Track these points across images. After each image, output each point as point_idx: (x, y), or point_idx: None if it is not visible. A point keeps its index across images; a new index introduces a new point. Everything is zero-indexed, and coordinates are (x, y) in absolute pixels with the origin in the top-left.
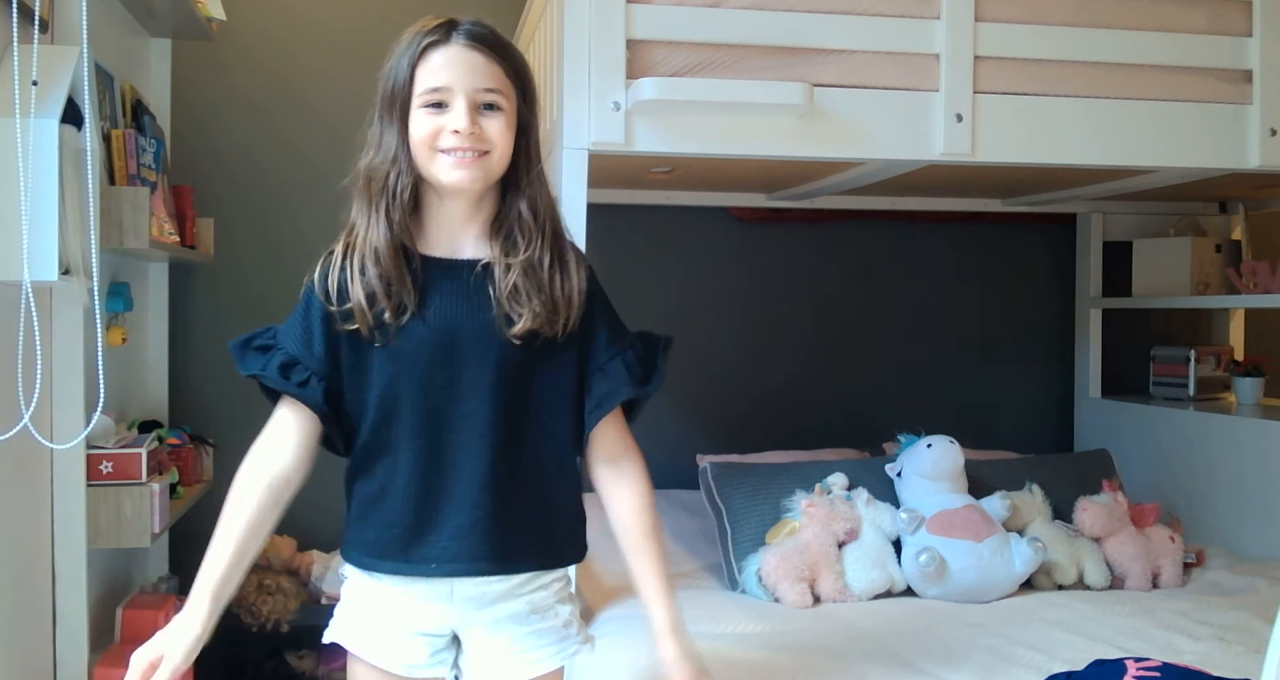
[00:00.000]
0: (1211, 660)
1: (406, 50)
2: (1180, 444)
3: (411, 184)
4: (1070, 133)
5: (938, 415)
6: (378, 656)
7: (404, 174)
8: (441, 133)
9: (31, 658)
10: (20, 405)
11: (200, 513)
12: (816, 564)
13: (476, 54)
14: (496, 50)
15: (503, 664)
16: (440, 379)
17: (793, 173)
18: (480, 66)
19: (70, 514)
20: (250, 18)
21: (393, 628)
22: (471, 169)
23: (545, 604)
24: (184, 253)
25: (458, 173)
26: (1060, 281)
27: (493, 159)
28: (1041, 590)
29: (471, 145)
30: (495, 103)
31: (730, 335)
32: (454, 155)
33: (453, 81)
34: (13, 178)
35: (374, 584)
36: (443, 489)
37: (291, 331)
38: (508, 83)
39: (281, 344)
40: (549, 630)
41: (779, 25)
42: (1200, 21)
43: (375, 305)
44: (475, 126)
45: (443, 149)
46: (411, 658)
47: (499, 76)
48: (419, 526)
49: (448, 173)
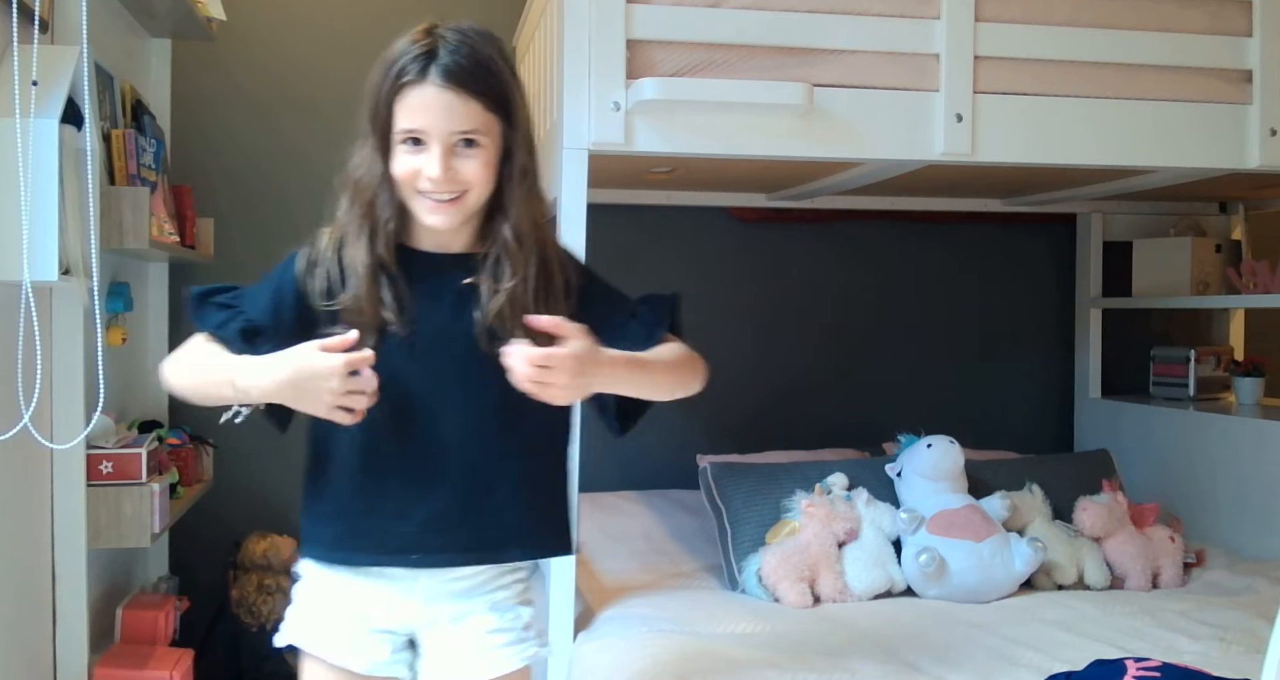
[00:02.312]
0: (1211, 660)
1: (386, 79)
2: (1180, 444)
3: (395, 212)
4: (1070, 133)
5: (938, 415)
6: (339, 655)
7: (388, 204)
8: (418, 175)
9: (31, 658)
10: (20, 405)
11: (200, 513)
12: (816, 564)
13: (451, 95)
14: (475, 85)
15: (462, 662)
16: (423, 375)
17: (793, 173)
18: (456, 109)
19: (70, 514)
20: (250, 18)
21: (354, 625)
22: (448, 213)
23: (505, 604)
24: (184, 253)
25: (435, 217)
26: (1060, 281)
27: (470, 199)
28: (1041, 590)
29: (447, 189)
30: (474, 140)
31: (730, 335)
32: (431, 199)
33: (427, 125)
34: (13, 178)
35: (333, 582)
36: (424, 483)
37: (259, 300)
38: (488, 117)
39: (245, 308)
40: (508, 630)
41: (779, 25)
42: (1200, 21)
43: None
44: (450, 171)
45: (420, 191)
46: (373, 656)
47: (477, 115)
48: (395, 518)
49: (425, 216)
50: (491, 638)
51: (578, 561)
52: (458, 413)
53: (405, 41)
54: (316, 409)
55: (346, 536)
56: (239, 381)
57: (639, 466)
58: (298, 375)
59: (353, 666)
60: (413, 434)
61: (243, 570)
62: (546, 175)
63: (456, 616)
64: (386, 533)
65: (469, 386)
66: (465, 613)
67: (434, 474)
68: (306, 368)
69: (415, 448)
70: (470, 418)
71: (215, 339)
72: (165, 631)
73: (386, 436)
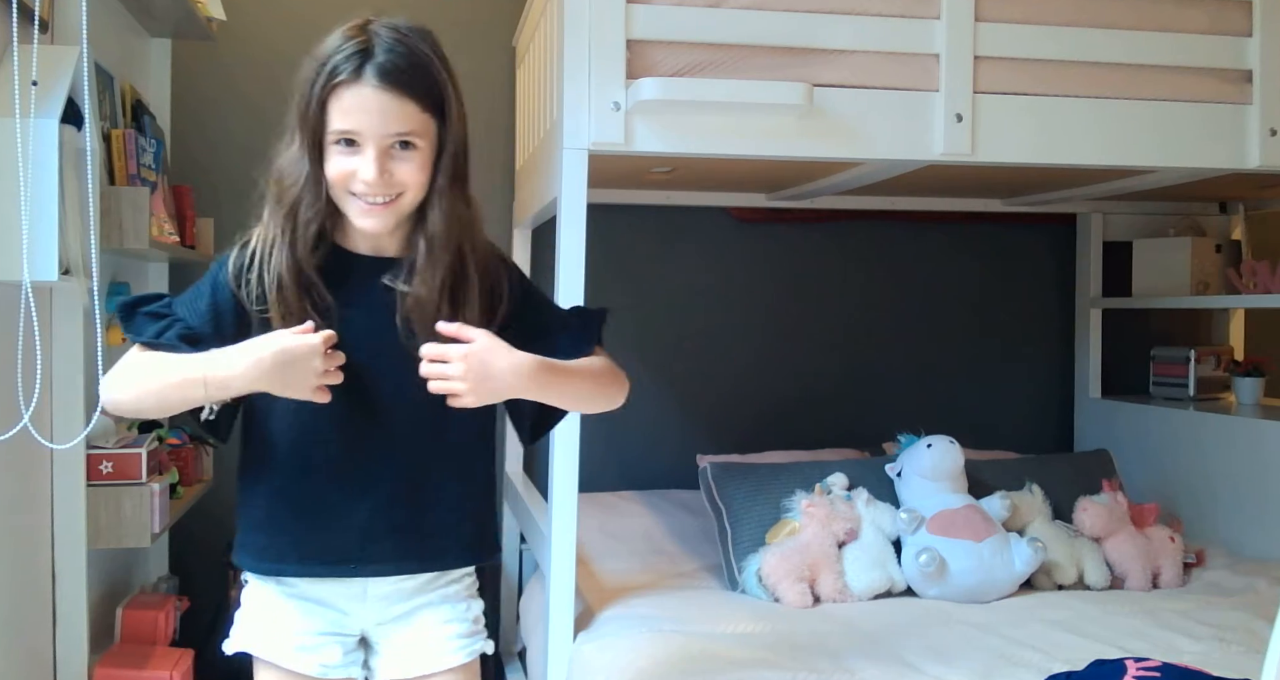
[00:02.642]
0: (1211, 660)
1: (319, 77)
2: (1180, 444)
3: (322, 216)
4: (1070, 133)
5: (938, 415)
6: (291, 660)
7: (313, 205)
8: (352, 177)
9: (31, 658)
10: (20, 405)
11: (200, 513)
12: (816, 564)
13: (387, 96)
14: (411, 86)
15: (416, 656)
16: (353, 382)
17: (793, 173)
18: (392, 110)
19: (70, 514)
20: (250, 18)
21: (303, 630)
22: (382, 216)
23: (457, 597)
24: (184, 253)
25: (368, 220)
26: (1060, 281)
27: (405, 201)
28: (1041, 590)
29: (382, 192)
30: (409, 142)
31: (730, 335)
32: (365, 201)
33: (362, 126)
34: (13, 178)
35: (280, 588)
36: (358, 490)
37: (193, 308)
38: (423, 118)
39: (181, 316)
40: (460, 622)
41: (779, 25)
42: (1200, 21)
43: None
44: (385, 174)
45: (354, 193)
46: (326, 658)
47: (413, 116)
48: (335, 528)
49: (358, 218)
50: (444, 630)
51: (578, 561)
52: (388, 419)
53: (338, 37)
54: (300, 390)
55: (282, 546)
56: (212, 375)
57: (639, 466)
58: (282, 357)
59: (307, 670)
60: (345, 440)
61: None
62: (546, 175)
63: (408, 613)
64: (323, 542)
65: (398, 393)
66: (417, 608)
67: (367, 481)
68: (289, 350)
69: (348, 454)
70: (400, 424)
71: (156, 348)
72: (165, 631)
73: (320, 443)
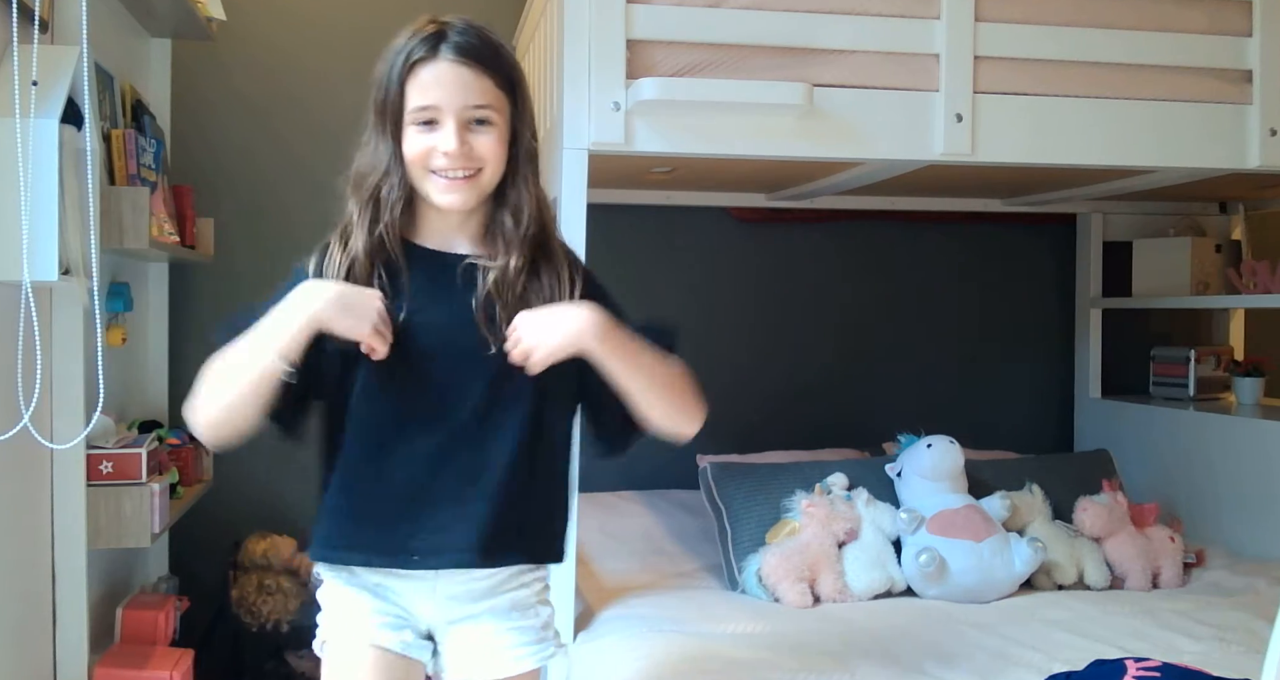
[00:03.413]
0: (1211, 660)
1: (395, 62)
2: (1180, 444)
3: (405, 196)
4: (1070, 133)
5: (938, 415)
6: (375, 635)
7: (396, 187)
8: (433, 153)
9: (31, 658)
10: (20, 405)
11: (200, 513)
12: (816, 564)
13: (465, 70)
14: (486, 62)
15: (483, 658)
16: (427, 376)
17: (793, 173)
18: (470, 83)
19: (70, 514)
20: (250, 18)
21: (381, 611)
22: (463, 191)
23: (526, 602)
24: (184, 253)
25: (449, 196)
26: (1060, 281)
27: (485, 177)
28: (1041, 590)
29: (462, 165)
30: (486, 118)
31: (730, 335)
32: (445, 177)
33: (441, 100)
34: (13, 178)
35: (351, 578)
36: (426, 481)
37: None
38: (499, 95)
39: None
40: (529, 628)
41: (779, 25)
42: (1200, 21)
43: None
44: (465, 146)
45: (434, 169)
46: (406, 637)
47: (489, 91)
48: (413, 521)
49: (440, 195)
50: (511, 636)
51: (578, 561)
52: (456, 411)
53: (410, 30)
54: (362, 327)
55: (350, 534)
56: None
57: (639, 466)
58: (345, 293)
59: (389, 645)
60: (415, 432)
61: (243, 570)
62: (546, 175)
63: (478, 613)
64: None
65: (467, 386)
66: (486, 609)
67: (434, 473)
68: (351, 288)
69: (416, 446)
70: (468, 417)
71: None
72: (165, 631)
73: (391, 433)
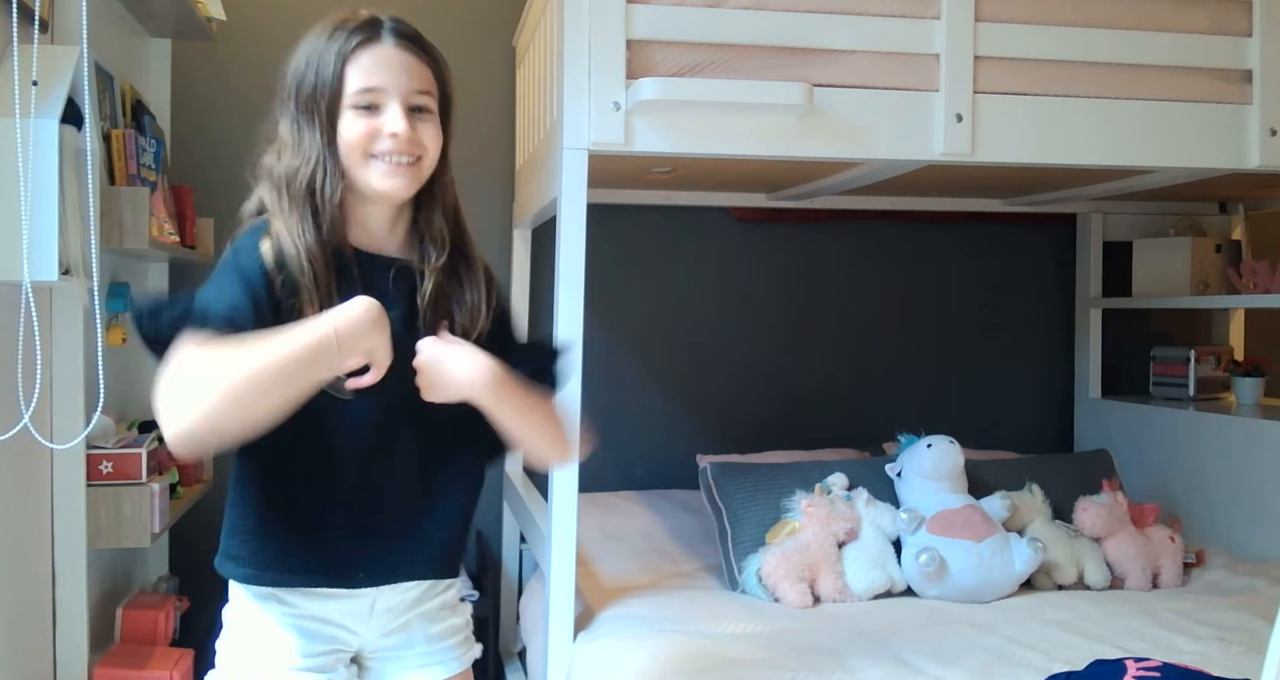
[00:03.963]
0: (1211, 660)
1: (330, 47)
2: (1180, 444)
3: (342, 188)
4: (1070, 133)
5: (938, 415)
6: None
7: (332, 177)
8: (377, 136)
9: (31, 658)
10: (20, 405)
11: (200, 513)
12: (816, 564)
13: (408, 55)
14: (426, 50)
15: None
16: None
17: (793, 173)
18: (413, 68)
19: (70, 514)
20: (250, 18)
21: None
22: (405, 176)
23: (452, 602)
24: (184, 253)
25: (390, 181)
26: (1060, 281)
27: (424, 165)
28: (1041, 590)
29: (407, 150)
30: (426, 106)
31: (730, 335)
32: (387, 161)
33: (387, 83)
34: (13, 178)
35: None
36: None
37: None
38: (434, 85)
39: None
40: (457, 629)
41: (779, 25)
42: (1200, 21)
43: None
44: (412, 131)
45: (375, 154)
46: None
47: (428, 79)
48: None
49: (380, 180)
50: (444, 637)
51: (578, 561)
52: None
53: (337, 19)
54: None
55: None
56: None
57: (639, 466)
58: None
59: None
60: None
61: None
62: (546, 175)
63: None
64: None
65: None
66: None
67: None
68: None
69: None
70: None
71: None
72: (165, 631)
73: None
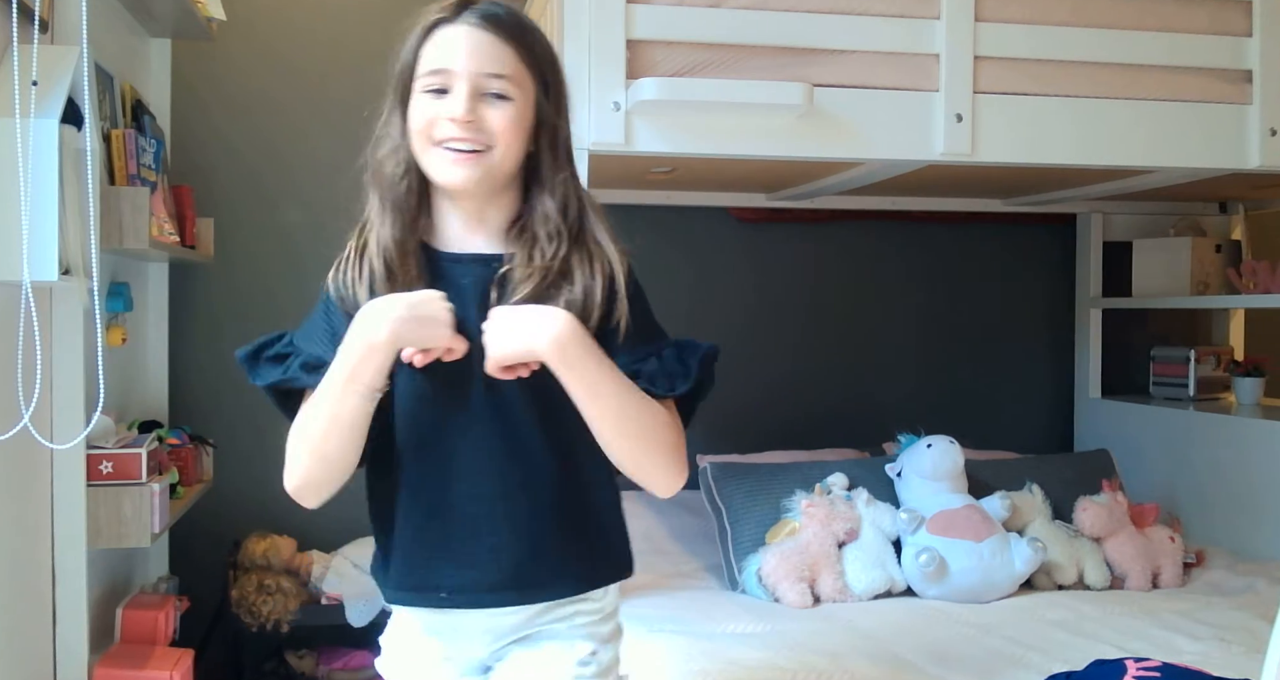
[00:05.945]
0: (1211, 660)
1: (417, 26)
2: (1180, 444)
3: (415, 177)
4: (1070, 133)
5: (938, 415)
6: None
7: (401, 164)
8: (437, 121)
9: (31, 658)
10: (20, 405)
11: (200, 513)
12: (816, 564)
13: (485, 33)
14: (511, 32)
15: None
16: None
17: (793, 173)
18: (487, 48)
19: (70, 514)
20: (250, 18)
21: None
22: (466, 167)
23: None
24: (184, 253)
25: (451, 170)
26: (1060, 281)
27: (493, 157)
28: (1041, 590)
29: (468, 137)
30: (504, 92)
31: (731, 335)
32: (448, 150)
33: (454, 63)
34: (13, 178)
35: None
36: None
37: (313, 335)
38: (521, 69)
39: (302, 348)
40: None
41: (779, 25)
42: (1200, 21)
43: None
44: (473, 116)
45: (437, 141)
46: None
47: (510, 61)
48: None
49: (440, 170)
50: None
51: None
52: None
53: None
54: (442, 333)
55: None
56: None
57: None
58: (414, 303)
59: None
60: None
61: (243, 570)
62: None
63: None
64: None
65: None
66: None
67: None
68: (415, 296)
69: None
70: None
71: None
72: (165, 631)
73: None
